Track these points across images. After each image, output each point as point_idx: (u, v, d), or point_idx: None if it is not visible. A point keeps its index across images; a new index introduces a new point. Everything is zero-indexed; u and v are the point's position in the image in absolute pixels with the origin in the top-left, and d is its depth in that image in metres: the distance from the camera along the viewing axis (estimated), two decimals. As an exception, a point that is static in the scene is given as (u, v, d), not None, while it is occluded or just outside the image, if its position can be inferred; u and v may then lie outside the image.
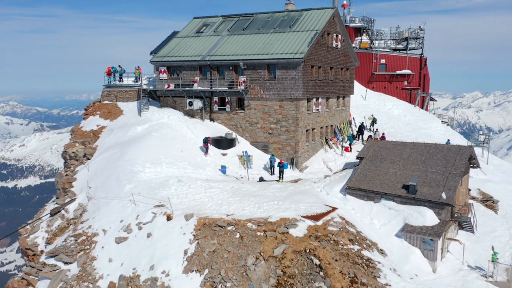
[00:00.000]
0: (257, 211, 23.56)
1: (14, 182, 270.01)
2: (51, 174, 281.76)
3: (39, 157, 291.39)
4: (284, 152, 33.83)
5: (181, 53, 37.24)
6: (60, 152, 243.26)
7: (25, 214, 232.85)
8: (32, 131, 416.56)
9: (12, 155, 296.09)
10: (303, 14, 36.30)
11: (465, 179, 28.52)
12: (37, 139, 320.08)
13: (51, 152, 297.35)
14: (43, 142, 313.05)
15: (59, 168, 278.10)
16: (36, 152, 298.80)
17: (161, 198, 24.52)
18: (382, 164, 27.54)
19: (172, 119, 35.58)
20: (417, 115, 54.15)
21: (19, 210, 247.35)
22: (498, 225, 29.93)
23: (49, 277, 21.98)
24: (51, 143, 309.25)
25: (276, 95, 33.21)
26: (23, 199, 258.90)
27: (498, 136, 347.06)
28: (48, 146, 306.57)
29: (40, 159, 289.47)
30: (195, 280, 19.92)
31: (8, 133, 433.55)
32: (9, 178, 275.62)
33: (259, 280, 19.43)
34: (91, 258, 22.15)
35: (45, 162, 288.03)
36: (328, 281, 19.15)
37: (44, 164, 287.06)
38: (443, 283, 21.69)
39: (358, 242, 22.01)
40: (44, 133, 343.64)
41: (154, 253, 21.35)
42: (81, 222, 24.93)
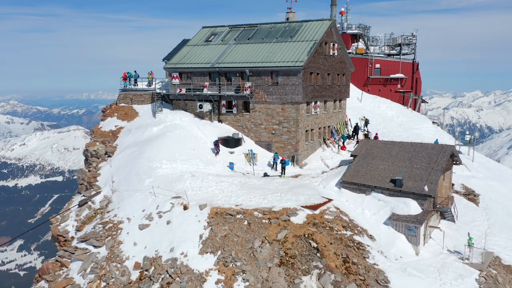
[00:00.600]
0: (262, 201, 26.16)
1: (15, 181, 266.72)
2: (51, 173, 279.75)
3: (40, 156, 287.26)
4: (285, 150, 36.35)
5: (192, 60, 39.77)
6: (61, 151, 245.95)
7: (26, 213, 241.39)
8: (32, 130, 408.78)
9: (12, 154, 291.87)
10: (303, 25, 38.82)
11: (447, 174, 31.05)
12: (37, 138, 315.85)
13: (51, 151, 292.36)
14: (44, 141, 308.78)
15: (59, 167, 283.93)
16: (37, 151, 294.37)
17: (177, 191, 27.13)
18: (373, 161, 30.09)
19: (184, 120, 38.12)
20: (409, 116, 56.57)
21: (19, 209, 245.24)
22: (478, 216, 32.43)
23: (81, 259, 24.57)
24: (52, 142, 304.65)
25: (278, 99, 35.73)
26: (24, 198, 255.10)
27: (499, 136, 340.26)
28: (48, 145, 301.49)
29: (41, 158, 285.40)
30: (210, 260, 22.51)
31: (9, 132, 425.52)
32: (10, 177, 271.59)
33: (264, 260, 22.02)
34: (118, 242, 24.77)
35: (46, 161, 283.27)
36: (324, 260, 21.73)
37: (44, 163, 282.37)
38: (424, 264, 24.28)
39: (350, 228, 24.59)
40: (45, 132, 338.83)
41: (173, 237, 23.96)
42: (107, 211, 27.56)
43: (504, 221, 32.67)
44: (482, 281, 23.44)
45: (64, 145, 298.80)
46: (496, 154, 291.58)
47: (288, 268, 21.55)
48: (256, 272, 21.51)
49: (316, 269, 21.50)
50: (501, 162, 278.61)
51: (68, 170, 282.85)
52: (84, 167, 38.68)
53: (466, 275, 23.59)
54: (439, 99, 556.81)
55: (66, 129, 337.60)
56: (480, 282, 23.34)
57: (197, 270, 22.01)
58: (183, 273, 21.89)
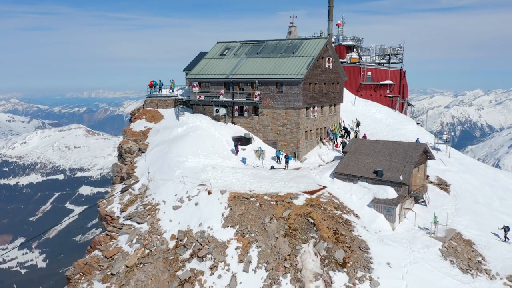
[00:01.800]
0: (270, 188, 31.06)
1: (16, 179, 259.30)
2: (52, 172, 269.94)
3: (41, 154, 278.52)
4: (289, 147, 41.15)
5: (209, 72, 44.62)
6: (62, 149, 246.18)
7: (27, 211, 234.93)
8: (33, 129, 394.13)
9: (13, 152, 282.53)
10: (303, 42, 43.63)
11: (422, 167, 35.82)
12: (38, 136, 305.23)
13: (52, 150, 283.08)
14: (45, 139, 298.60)
15: (60, 165, 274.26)
16: (38, 149, 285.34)
17: (202, 180, 32.05)
18: (360, 156, 34.90)
19: (203, 122, 42.96)
20: (396, 118, 60.99)
21: (21, 207, 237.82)
22: (448, 201, 37.08)
23: (127, 233, 29.52)
24: (53, 140, 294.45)
25: (282, 105, 40.55)
26: (25, 196, 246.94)
27: (499, 134, 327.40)
28: (49, 143, 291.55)
29: (42, 156, 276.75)
30: (230, 232, 27.45)
31: (10, 131, 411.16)
32: (11, 175, 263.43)
33: (272, 232, 26.93)
34: (156, 220, 29.72)
35: (47, 159, 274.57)
36: (318, 232, 26.62)
37: (45, 161, 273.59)
38: (398, 237, 29.14)
39: (340, 209, 29.47)
40: (46, 131, 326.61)
41: (201, 215, 28.89)
42: (146, 196, 32.53)
43: (469, 207, 37.42)
44: (444, 251, 28.27)
45: (65, 143, 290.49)
46: (496, 153, 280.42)
47: (291, 238, 26.46)
48: (266, 241, 26.44)
49: (313, 239, 26.39)
50: (502, 160, 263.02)
51: (69, 169, 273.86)
52: (118, 162, 43.63)
53: (431, 245, 28.45)
54: (440, 98, 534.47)
55: (67, 128, 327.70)
56: (442, 251, 28.17)
57: (220, 239, 26.97)
58: (210, 242, 26.86)
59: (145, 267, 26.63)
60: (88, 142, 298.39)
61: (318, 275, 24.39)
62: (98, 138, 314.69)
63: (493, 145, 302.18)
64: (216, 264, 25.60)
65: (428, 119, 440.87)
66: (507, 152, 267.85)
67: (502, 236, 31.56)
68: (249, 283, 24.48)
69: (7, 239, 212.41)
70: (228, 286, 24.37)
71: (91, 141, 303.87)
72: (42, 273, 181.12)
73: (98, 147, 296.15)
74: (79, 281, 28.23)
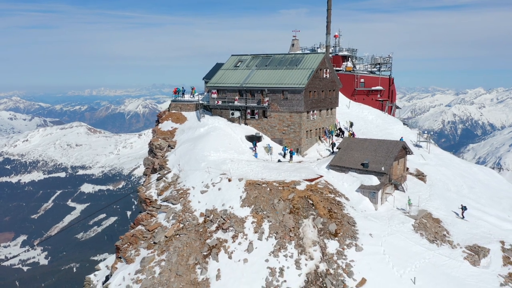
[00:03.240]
0: (278, 177, 36.42)
1: (18, 177, 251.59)
2: (54, 169, 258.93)
3: (43, 152, 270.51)
4: (292, 144, 46.37)
5: (225, 81, 50.00)
6: (63, 147, 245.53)
7: (29, 209, 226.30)
8: (35, 127, 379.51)
9: (15, 150, 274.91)
10: (304, 56, 48.90)
11: (401, 161, 41.02)
12: (40, 134, 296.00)
13: (54, 148, 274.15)
14: (47, 137, 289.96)
15: (62, 163, 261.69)
16: (40, 147, 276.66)
17: (223, 170, 37.46)
18: (351, 152, 40.18)
19: (221, 123, 48.26)
20: (385, 119, 65.84)
21: (23, 204, 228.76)
22: (423, 189, 42.21)
23: (164, 211, 34.98)
24: (55, 138, 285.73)
25: (287, 109, 45.87)
26: (27, 194, 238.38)
27: (501, 133, 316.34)
28: (51, 141, 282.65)
29: (44, 154, 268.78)
30: (247, 210, 32.83)
31: (12, 128, 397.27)
32: (13, 173, 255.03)
33: (280, 210, 32.33)
34: (187, 201, 35.17)
35: (49, 157, 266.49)
36: (316, 211, 31.98)
37: (47, 159, 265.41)
38: (380, 215, 34.44)
39: (333, 193, 34.80)
40: (48, 129, 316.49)
41: (223, 197, 34.29)
42: (178, 183, 38.02)
43: (441, 193, 42.60)
44: (416, 226, 33.59)
45: (67, 141, 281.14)
46: (497, 152, 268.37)
47: (295, 215, 31.87)
48: (275, 217, 31.86)
49: (312, 215, 31.79)
50: (503, 159, 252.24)
51: (71, 166, 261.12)
52: (149, 156, 49.13)
53: (405, 222, 33.79)
54: (441, 96, 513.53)
55: (68, 126, 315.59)
56: (414, 226, 33.50)
57: (239, 216, 32.40)
58: (231, 218, 32.31)
59: (181, 237, 32.14)
60: (89, 140, 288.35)
61: (316, 242, 29.82)
62: (99, 136, 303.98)
63: (494, 143, 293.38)
64: (237, 234, 31.07)
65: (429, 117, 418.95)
66: (508, 151, 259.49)
67: (460, 214, 36.89)
68: (262, 248, 29.95)
69: (9, 236, 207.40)
70: (247, 250, 29.84)
71: (92, 139, 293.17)
72: (44, 270, 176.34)
73: (99, 145, 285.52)
74: (127, 249, 33.77)
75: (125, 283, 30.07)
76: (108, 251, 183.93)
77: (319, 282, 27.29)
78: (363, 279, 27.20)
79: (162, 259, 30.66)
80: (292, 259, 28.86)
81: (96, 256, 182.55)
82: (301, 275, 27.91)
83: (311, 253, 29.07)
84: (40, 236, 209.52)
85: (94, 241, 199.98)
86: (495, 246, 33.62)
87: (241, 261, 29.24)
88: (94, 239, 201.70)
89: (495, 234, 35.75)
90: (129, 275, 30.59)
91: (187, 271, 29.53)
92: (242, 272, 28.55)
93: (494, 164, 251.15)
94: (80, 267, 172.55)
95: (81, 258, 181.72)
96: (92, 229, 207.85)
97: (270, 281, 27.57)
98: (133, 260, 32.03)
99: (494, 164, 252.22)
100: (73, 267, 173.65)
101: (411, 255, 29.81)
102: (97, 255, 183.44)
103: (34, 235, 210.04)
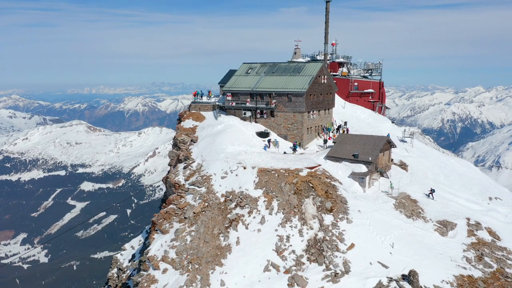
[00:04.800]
0: (284, 165, 41.56)
1: (18, 175, 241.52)
2: (54, 168, 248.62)
3: (43, 150, 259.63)
4: (295, 139, 51.47)
5: (238, 86, 55.13)
6: (63, 145, 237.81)
7: (29, 207, 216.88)
8: (35, 125, 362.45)
9: (15, 148, 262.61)
10: (305, 65, 53.95)
11: (386, 153, 46.15)
12: (40, 132, 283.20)
13: (54, 146, 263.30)
14: (46, 135, 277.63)
15: (62, 161, 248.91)
16: (39, 145, 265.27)
17: (239, 160, 42.64)
18: (345, 145, 45.34)
19: (235, 121, 53.29)
20: (376, 118, 70.70)
21: (22, 203, 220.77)
22: (404, 176, 47.35)
23: (192, 193, 40.26)
24: (54, 136, 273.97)
25: (291, 110, 51.00)
26: (27, 192, 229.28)
27: (500, 131, 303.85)
28: (51, 139, 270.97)
29: (44, 152, 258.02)
30: (259, 192, 38.00)
31: (11, 127, 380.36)
32: (13, 171, 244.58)
33: (287, 191, 37.54)
34: (210, 185, 40.40)
35: (49, 155, 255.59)
36: (315, 192, 37.16)
37: (47, 157, 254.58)
38: (367, 196, 39.60)
39: (329, 178, 40.01)
40: (47, 127, 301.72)
41: (240, 182, 39.47)
42: (201, 171, 43.31)
43: (420, 180, 47.74)
44: (396, 204, 38.78)
45: (66, 139, 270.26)
46: (497, 150, 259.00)
47: (298, 195, 37.10)
48: (283, 197, 37.10)
49: (312, 196, 37.01)
50: (502, 157, 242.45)
51: (71, 165, 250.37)
52: (173, 150, 54.35)
53: (388, 201, 39.00)
54: (441, 95, 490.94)
55: (68, 124, 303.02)
56: (395, 205, 38.69)
57: (253, 196, 37.62)
58: (246, 198, 37.58)
59: (206, 213, 37.47)
60: (89, 138, 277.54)
61: (315, 216, 35.10)
62: (99, 134, 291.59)
63: (494, 141, 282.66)
64: (251, 210, 36.38)
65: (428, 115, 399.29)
66: (507, 149, 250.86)
67: (430, 196, 42.08)
68: (272, 221, 35.24)
69: (9, 234, 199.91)
70: (260, 222, 35.15)
71: (92, 137, 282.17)
72: (44, 268, 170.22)
73: (99, 143, 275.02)
74: (162, 223, 39.12)
75: (163, 248, 35.42)
76: (108, 249, 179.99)
77: (317, 246, 32.60)
78: (352, 244, 32.48)
79: (192, 230, 36.00)
80: (296, 229, 34.18)
81: (96, 254, 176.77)
82: (303, 241, 33.22)
83: (311, 224, 34.36)
84: (40, 234, 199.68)
85: (94, 239, 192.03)
86: (462, 222, 38.82)
87: (256, 231, 34.56)
88: (94, 237, 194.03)
89: (462, 213, 40.96)
90: (165, 243, 35.93)
91: (212, 238, 34.88)
92: (257, 239, 33.87)
93: (493, 163, 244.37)
94: (80, 265, 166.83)
95: (81, 256, 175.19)
96: (92, 227, 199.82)
97: (279, 246, 32.91)
98: (168, 231, 37.36)
99: (493, 162, 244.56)
100: (73, 265, 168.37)
101: (391, 226, 35.06)
102: (97, 253, 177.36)
103: (34, 233, 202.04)
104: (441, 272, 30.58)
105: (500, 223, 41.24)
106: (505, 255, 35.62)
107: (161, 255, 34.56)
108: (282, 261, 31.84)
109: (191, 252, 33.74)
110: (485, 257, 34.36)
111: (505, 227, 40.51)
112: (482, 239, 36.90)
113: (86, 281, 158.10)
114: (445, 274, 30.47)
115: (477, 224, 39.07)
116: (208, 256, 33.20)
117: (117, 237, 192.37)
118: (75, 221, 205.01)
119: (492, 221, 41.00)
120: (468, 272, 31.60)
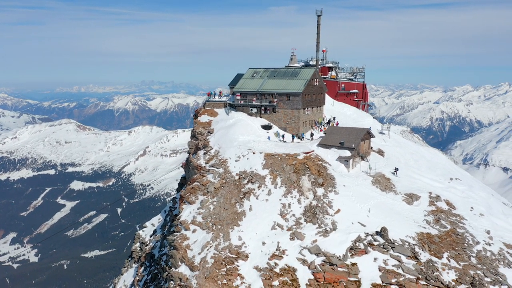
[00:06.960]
0: (285, 151, 47.79)
1: (7, 174, 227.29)
2: (43, 167, 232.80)
3: (32, 149, 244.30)
4: (293, 131, 57.78)
5: (245, 87, 61.15)
6: (52, 144, 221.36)
7: (18, 206, 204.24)
8: (23, 124, 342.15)
9: (4, 147, 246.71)
10: (301, 70, 60.10)
11: (367, 141, 52.43)
12: (29, 131, 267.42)
13: (43, 145, 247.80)
14: (35, 134, 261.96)
15: (51, 160, 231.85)
16: (29, 144, 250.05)
17: (249, 147, 48.78)
18: (333, 135, 51.60)
19: (243, 117, 59.23)
20: (360, 114, 76.84)
21: (12, 202, 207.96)
22: (381, 161, 53.39)
23: (212, 173, 46.46)
24: (44, 135, 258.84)
25: (290, 107, 57.21)
26: (16, 191, 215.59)
27: (488, 130, 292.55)
28: (40, 138, 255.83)
29: (33, 151, 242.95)
30: (266, 171, 44.28)
31: (0, 126, 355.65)
32: (2, 170, 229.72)
33: (287, 171, 43.88)
34: (227, 167, 46.41)
35: (38, 154, 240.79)
36: (310, 171, 43.53)
37: (36, 156, 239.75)
38: (351, 174, 45.94)
39: (321, 161, 46.35)
40: (36, 126, 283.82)
41: (250, 164, 45.70)
42: (219, 156, 49.50)
43: (394, 163, 53.82)
44: (373, 181, 45.19)
45: (56, 138, 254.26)
46: (484, 148, 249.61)
47: (297, 173, 43.42)
48: (284, 175, 43.40)
49: (307, 174, 43.33)
50: (490, 155, 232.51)
51: (60, 164, 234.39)
52: (192, 140, 60.37)
53: (367, 178, 45.41)
54: (430, 93, 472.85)
55: (57, 123, 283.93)
56: (372, 181, 45.08)
57: (261, 174, 43.82)
58: (256, 176, 43.84)
59: (224, 188, 43.70)
60: (79, 137, 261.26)
61: (310, 189, 41.48)
62: (89, 133, 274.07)
63: (482, 140, 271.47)
64: (260, 185, 42.66)
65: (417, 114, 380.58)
66: (495, 147, 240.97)
67: (395, 173, 48.46)
68: (277, 193, 41.56)
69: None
70: (267, 194, 41.46)
71: (82, 136, 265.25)
72: (35, 267, 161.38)
73: (89, 142, 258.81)
74: (189, 196, 45.34)
75: (191, 215, 41.67)
76: (99, 248, 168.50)
77: (312, 211, 39.02)
78: (338, 209, 38.92)
79: (214, 201, 42.26)
80: (295, 198, 40.56)
81: (86, 253, 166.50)
82: (301, 207, 39.61)
83: (307, 195, 40.76)
84: (29, 233, 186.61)
85: (84, 238, 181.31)
86: (425, 195, 45.25)
87: (264, 200, 40.90)
88: (85, 236, 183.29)
89: (426, 188, 47.32)
90: (193, 210, 42.17)
91: (230, 207, 41.18)
92: (265, 206, 40.21)
93: (481, 161, 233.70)
94: (71, 264, 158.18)
95: (72, 255, 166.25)
96: (82, 226, 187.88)
97: (283, 211, 39.30)
98: (194, 202, 43.58)
99: (481, 160, 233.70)
100: (63, 264, 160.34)
101: (368, 197, 41.50)
102: (87, 252, 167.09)
103: (24, 232, 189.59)
104: (406, 230, 37.03)
105: (457, 197, 47.68)
106: (458, 220, 42.19)
107: (190, 220, 40.82)
108: (285, 222, 38.23)
109: (214, 217, 40.03)
110: (441, 220, 40.90)
111: (460, 200, 47.01)
112: (440, 208, 43.37)
113: (77, 280, 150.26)
114: (409, 231, 36.92)
115: (437, 197, 45.54)
116: (228, 219, 39.52)
117: (107, 236, 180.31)
118: (65, 220, 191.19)
119: (450, 195, 47.42)
120: (427, 231, 38.10)
